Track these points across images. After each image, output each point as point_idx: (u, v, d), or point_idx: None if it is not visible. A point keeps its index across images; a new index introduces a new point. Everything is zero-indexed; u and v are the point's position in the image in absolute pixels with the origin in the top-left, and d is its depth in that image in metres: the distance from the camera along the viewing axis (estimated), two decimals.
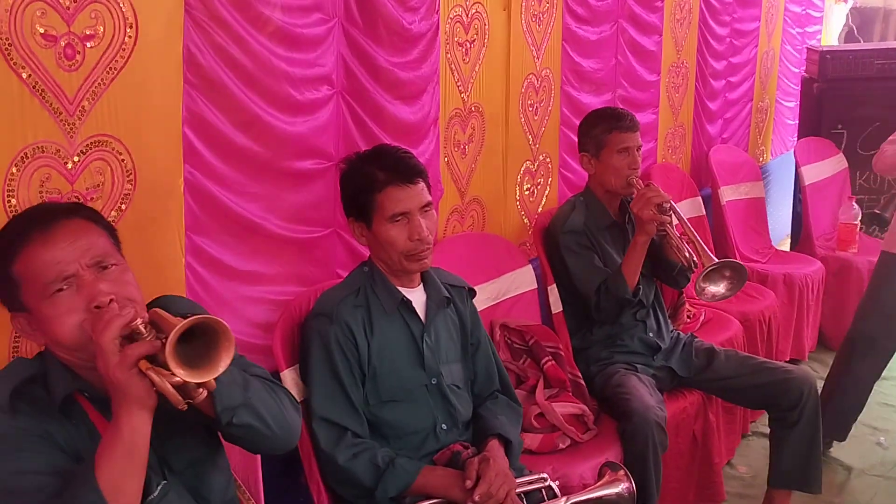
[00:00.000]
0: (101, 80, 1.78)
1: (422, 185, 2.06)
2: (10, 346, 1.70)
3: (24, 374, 1.40)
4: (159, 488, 1.39)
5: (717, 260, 2.64)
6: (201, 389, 1.29)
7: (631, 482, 2.13)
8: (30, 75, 1.65)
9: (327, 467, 2.02)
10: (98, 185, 1.80)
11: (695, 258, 2.70)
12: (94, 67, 1.76)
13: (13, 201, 1.66)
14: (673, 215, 2.75)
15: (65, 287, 1.38)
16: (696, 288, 2.68)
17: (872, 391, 3.47)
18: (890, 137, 3.39)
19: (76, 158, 1.76)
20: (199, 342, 1.25)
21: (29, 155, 1.68)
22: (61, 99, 1.71)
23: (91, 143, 1.78)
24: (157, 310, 1.33)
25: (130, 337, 1.28)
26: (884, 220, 3.00)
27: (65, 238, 1.39)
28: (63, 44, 1.70)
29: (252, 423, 1.47)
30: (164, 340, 1.24)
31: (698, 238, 2.73)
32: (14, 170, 1.66)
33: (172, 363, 1.21)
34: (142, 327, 1.27)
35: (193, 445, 1.53)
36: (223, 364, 1.26)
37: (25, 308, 1.40)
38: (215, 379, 1.29)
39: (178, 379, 1.23)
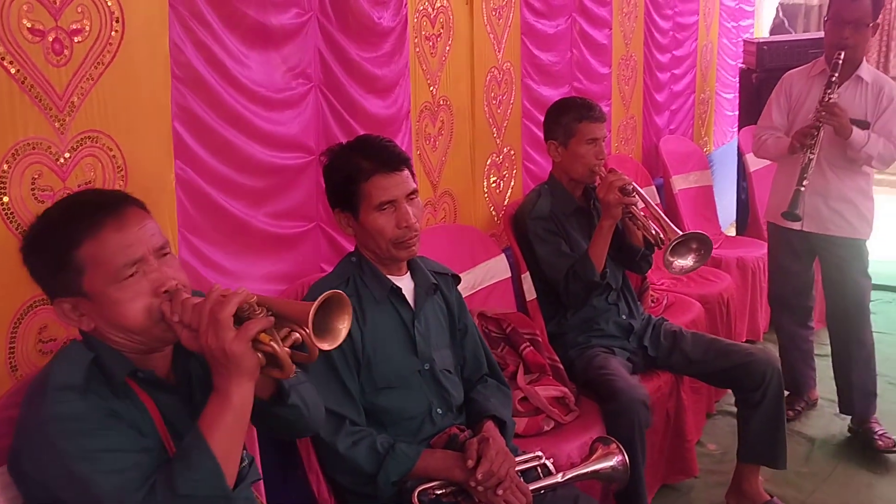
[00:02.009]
0: (90, 75, 1.77)
1: (406, 172, 2.08)
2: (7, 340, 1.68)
3: (88, 357, 1.41)
4: (247, 459, 1.48)
5: (681, 233, 2.73)
6: (294, 365, 1.40)
7: (624, 455, 2.19)
8: (18, 70, 1.64)
9: (328, 456, 2.03)
10: (90, 182, 1.79)
11: (661, 235, 2.78)
12: (82, 62, 1.75)
13: (5, 199, 1.65)
14: (637, 196, 2.83)
15: (135, 272, 1.40)
16: (664, 262, 2.76)
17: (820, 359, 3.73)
18: (761, 121, 3.58)
19: (67, 154, 1.74)
20: (317, 316, 1.36)
21: (20, 151, 1.66)
22: (50, 94, 1.70)
23: (82, 138, 1.77)
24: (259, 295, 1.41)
25: (237, 315, 1.36)
26: (796, 216, 3.21)
27: (135, 224, 1.43)
28: (51, 39, 1.69)
29: (299, 404, 1.58)
30: (274, 313, 1.38)
31: (663, 215, 2.83)
32: (5, 167, 1.64)
33: (313, 333, 1.35)
34: (256, 305, 1.37)
35: None
36: (343, 332, 1.42)
37: (83, 293, 1.40)
38: None
39: (288, 350, 1.38)
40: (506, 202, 3.39)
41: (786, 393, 3.19)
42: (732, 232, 5.36)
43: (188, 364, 1.55)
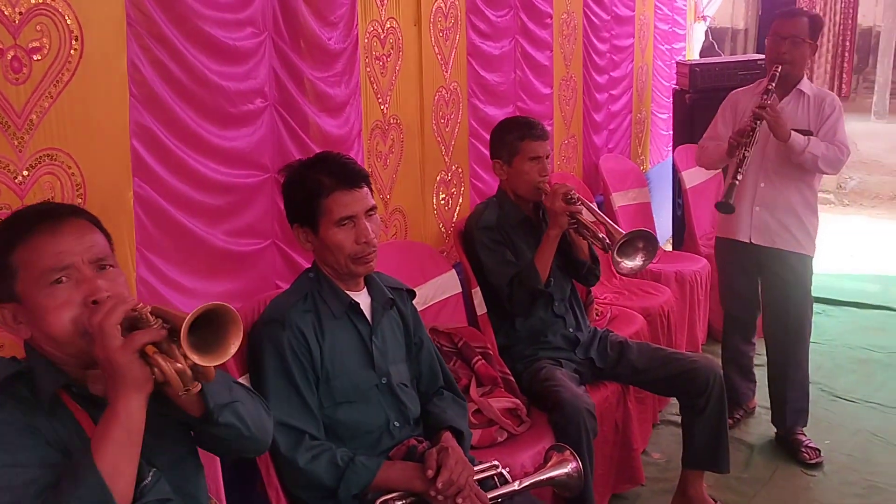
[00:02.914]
0: (48, 93, 1.77)
1: (366, 189, 2.12)
2: None
3: (8, 370, 1.39)
4: (151, 474, 1.41)
5: (624, 232, 2.83)
6: (196, 382, 1.34)
7: (578, 461, 2.26)
8: None
9: (287, 471, 2.04)
10: (48, 199, 1.78)
11: (607, 239, 2.87)
12: (41, 80, 1.75)
13: None
14: (581, 205, 2.92)
15: (64, 279, 1.39)
16: (613, 263, 2.84)
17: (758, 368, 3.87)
18: (706, 134, 3.72)
19: (25, 173, 1.74)
20: (206, 330, 1.29)
21: None
22: (9, 112, 1.70)
23: (40, 156, 1.77)
24: (157, 306, 1.36)
25: (133, 325, 1.31)
26: (730, 206, 3.34)
27: (71, 233, 1.42)
28: (9, 56, 1.69)
29: (235, 423, 1.51)
30: (168, 329, 1.30)
31: (607, 219, 2.93)
32: None
33: (187, 346, 1.25)
34: (149, 315, 1.32)
35: (174, 444, 1.54)
36: (232, 348, 1.31)
37: (17, 298, 1.40)
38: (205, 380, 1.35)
39: (180, 366, 1.29)
40: (454, 219, 3.45)
41: None
42: (669, 247, 5.52)
43: None
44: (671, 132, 5.84)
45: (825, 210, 8.42)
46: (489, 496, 2.08)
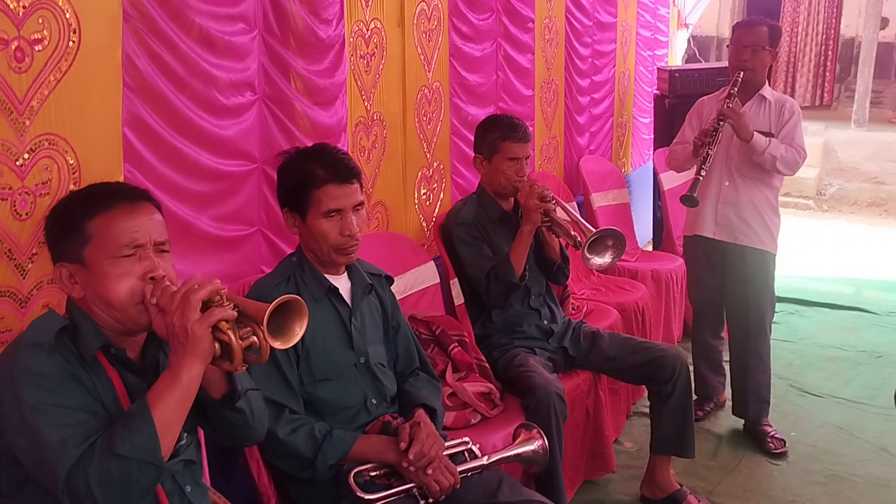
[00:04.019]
0: (48, 81, 1.89)
1: (357, 185, 2.23)
2: None
3: (60, 324, 1.53)
4: (185, 437, 1.63)
5: (594, 230, 2.98)
6: (245, 363, 1.53)
7: (544, 440, 2.38)
8: None
9: (268, 443, 2.14)
10: (46, 182, 1.90)
11: (579, 237, 3.01)
12: (41, 70, 1.87)
13: None
14: (555, 204, 3.05)
15: (131, 254, 1.56)
16: (583, 259, 2.97)
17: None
18: (675, 139, 3.91)
19: (26, 156, 1.85)
20: (276, 317, 1.50)
21: None
22: (12, 99, 1.81)
23: (39, 141, 1.88)
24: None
25: (205, 304, 1.50)
26: (694, 199, 3.51)
27: (146, 214, 1.61)
28: (13, 47, 1.80)
29: (246, 410, 1.71)
30: (239, 310, 1.52)
31: (579, 218, 3.09)
32: None
33: (266, 330, 1.47)
34: (224, 298, 1.52)
35: (190, 418, 1.66)
36: (298, 335, 1.55)
37: (82, 261, 1.56)
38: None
39: (243, 343, 1.50)
40: (435, 214, 3.57)
41: (695, 397, 3.48)
42: (650, 248, 5.66)
43: (157, 355, 1.68)
44: (653, 136, 5.98)
45: (805, 216, 8.71)
46: (459, 469, 2.20)
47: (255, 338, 1.51)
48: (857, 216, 8.97)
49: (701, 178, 3.47)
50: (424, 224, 3.53)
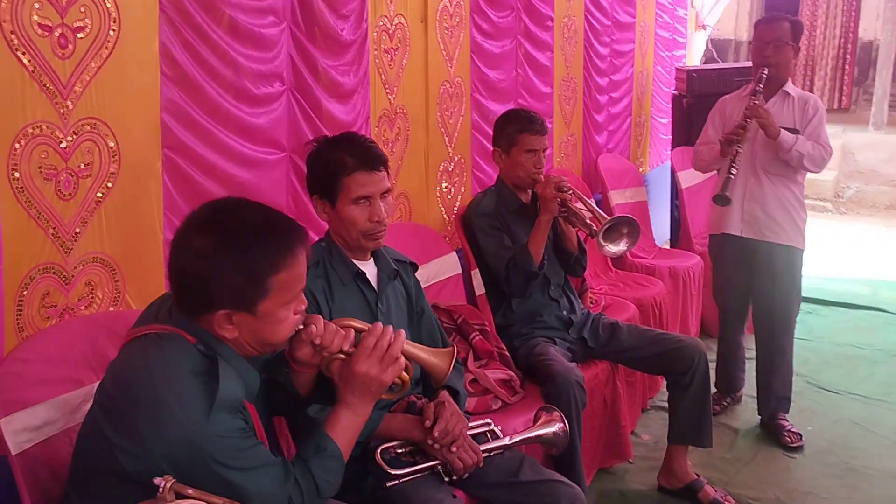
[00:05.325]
0: (90, 68, 1.97)
1: (384, 173, 2.29)
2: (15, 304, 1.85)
3: (203, 361, 1.54)
4: None
5: (609, 218, 3.04)
6: None
7: (565, 423, 2.43)
8: (30, 60, 1.83)
9: (297, 420, 2.22)
10: (88, 164, 1.98)
11: (594, 226, 3.06)
12: (83, 56, 1.95)
13: (17, 174, 1.83)
14: (571, 195, 3.11)
15: (296, 296, 1.63)
16: (598, 246, 3.03)
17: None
18: (699, 140, 3.93)
19: (70, 139, 1.94)
20: None
21: (30, 133, 1.84)
22: (56, 84, 1.89)
23: (82, 124, 1.96)
24: None
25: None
26: (727, 199, 3.54)
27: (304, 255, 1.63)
28: (57, 34, 1.89)
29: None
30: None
31: (595, 207, 3.14)
32: (17, 146, 1.82)
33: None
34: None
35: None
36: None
37: (253, 311, 1.55)
38: None
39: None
40: (456, 207, 3.63)
41: (714, 390, 3.53)
42: (667, 248, 5.70)
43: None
44: (671, 136, 6.02)
45: (823, 217, 8.71)
46: (482, 448, 2.26)
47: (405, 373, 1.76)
48: (875, 219, 8.96)
49: (732, 176, 3.50)
50: (446, 217, 3.59)
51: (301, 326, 1.65)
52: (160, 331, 1.56)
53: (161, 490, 1.04)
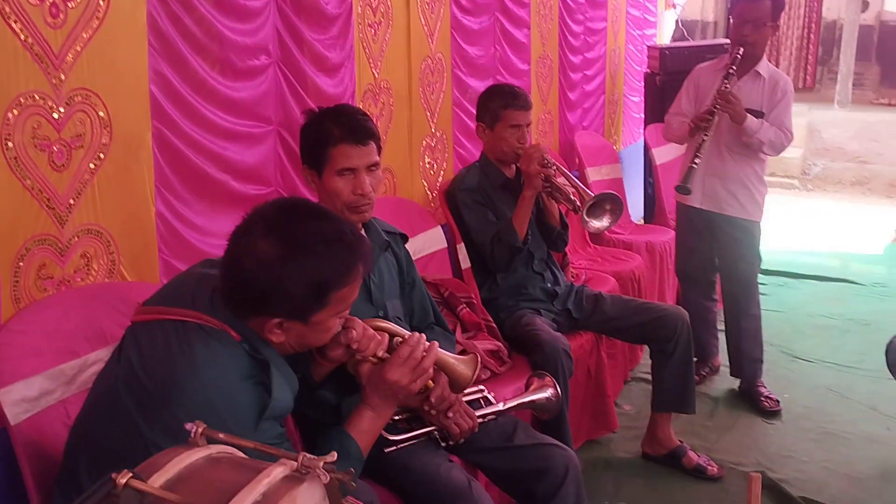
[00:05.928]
0: (81, 38, 1.95)
1: (372, 146, 2.27)
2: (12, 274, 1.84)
3: (245, 360, 1.55)
4: None
5: (593, 195, 3.08)
6: None
7: (557, 388, 2.47)
8: (21, 28, 1.81)
9: (304, 400, 2.22)
10: (80, 135, 1.97)
11: (578, 202, 3.10)
12: (74, 26, 1.93)
13: (10, 144, 1.81)
14: (555, 170, 3.14)
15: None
16: (581, 223, 3.07)
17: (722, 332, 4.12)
18: (672, 108, 4.00)
19: (62, 109, 1.92)
20: None
21: (22, 103, 1.83)
22: (48, 53, 1.88)
23: (74, 94, 1.94)
24: None
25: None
26: (687, 189, 3.64)
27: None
28: (48, 3, 1.87)
29: None
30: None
31: (579, 183, 3.17)
32: (10, 116, 1.80)
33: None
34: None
35: None
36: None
37: (306, 320, 1.57)
38: None
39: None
40: (438, 183, 3.65)
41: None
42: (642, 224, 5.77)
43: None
44: (643, 115, 6.07)
45: (791, 194, 8.85)
46: (477, 414, 2.29)
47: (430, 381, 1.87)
48: (842, 195, 9.12)
49: (695, 166, 3.58)
50: (429, 192, 3.60)
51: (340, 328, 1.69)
52: (205, 323, 1.52)
53: (193, 435, 1.04)
